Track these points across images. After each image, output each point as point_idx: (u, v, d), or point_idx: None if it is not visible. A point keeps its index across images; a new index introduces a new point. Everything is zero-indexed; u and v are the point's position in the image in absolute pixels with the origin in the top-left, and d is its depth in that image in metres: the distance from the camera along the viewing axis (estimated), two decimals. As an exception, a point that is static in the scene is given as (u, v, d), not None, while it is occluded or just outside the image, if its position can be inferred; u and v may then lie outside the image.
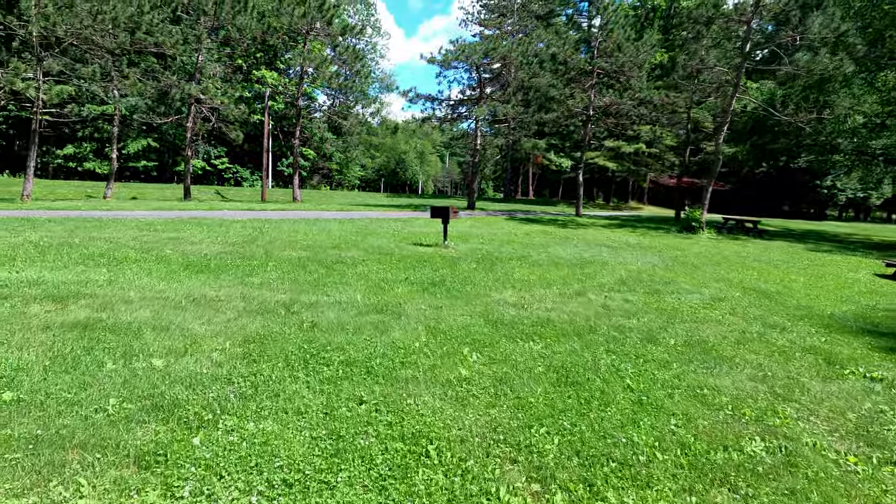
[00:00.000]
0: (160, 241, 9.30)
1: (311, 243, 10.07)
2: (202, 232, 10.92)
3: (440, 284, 6.88)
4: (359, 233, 12.56)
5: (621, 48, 21.54)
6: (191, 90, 19.33)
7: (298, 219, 15.84)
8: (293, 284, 6.40)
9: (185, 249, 8.57)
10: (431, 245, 10.81)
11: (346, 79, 23.64)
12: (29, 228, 10.08)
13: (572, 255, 10.75)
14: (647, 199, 52.69)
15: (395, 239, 11.70)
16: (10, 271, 6.26)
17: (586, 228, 18.35)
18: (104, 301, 5.05)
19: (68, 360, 3.52)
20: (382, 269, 7.81)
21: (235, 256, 8.21)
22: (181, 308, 4.97)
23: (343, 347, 4.11)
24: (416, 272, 7.73)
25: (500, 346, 4.39)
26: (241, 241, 9.79)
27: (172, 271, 6.84)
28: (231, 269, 7.16)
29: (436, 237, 12.34)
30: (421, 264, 8.42)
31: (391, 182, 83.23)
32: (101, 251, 7.98)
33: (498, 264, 8.92)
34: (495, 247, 11.28)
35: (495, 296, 6.41)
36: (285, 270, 7.31)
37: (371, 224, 15.39)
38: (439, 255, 9.44)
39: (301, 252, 8.98)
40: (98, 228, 10.59)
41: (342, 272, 7.43)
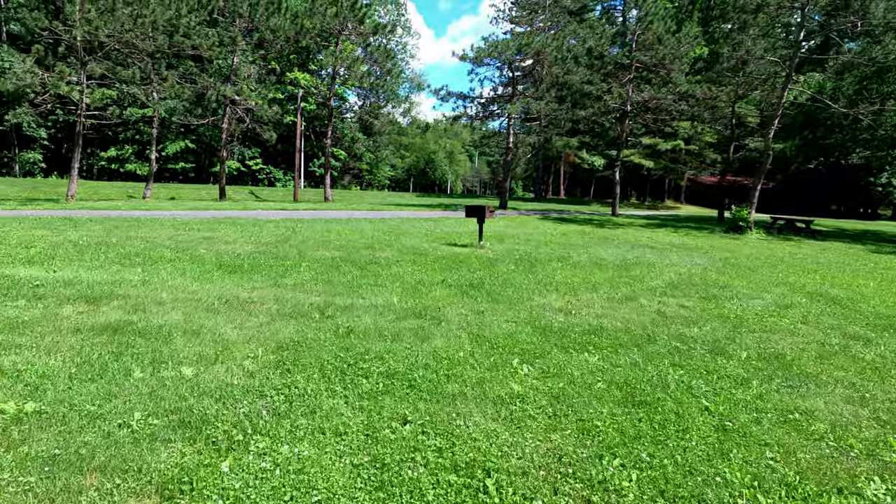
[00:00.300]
0: (194, 240, 9.26)
1: (343, 243, 9.86)
2: (236, 231, 10.88)
3: (479, 287, 6.51)
4: (391, 232, 12.31)
5: (661, 40, 20.65)
6: (226, 91, 19.58)
7: (330, 218, 15.76)
8: (327, 286, 6.15)
9: (218, 249, 8.48)
10: (466, 245, 10.45)
11: (378, 78, 23.53)
12: (70, 228, 10.23)
13: (615, 256, 10.20)
14: (684, 198, 50.83)
15: (428, 239, 11.39)
16: (48, 271, 6.24)
17: (625, 228, 17.62)
18: (136, 302, 4.90)
19: (95, 366, 3.32)
20: (418, 271, 7.49)
21: (268, 256, 8.06)
22: (213, 310, 4.77)
23: (382, 356, 3.79)
24: (453, 274, 7.38)
25: (552, 358, 3.99)
26: (274, 241, 9.67)
27: (206, 271, 6.71)
28: (264, 270, 6.98)
29: (470, 237, 11.98)
30: (457, 265, 8.07)
31: (420, 182, 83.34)
32: (136, 250, 7.95)
33: (538, 266, 8.48)
34: (533, 247, 10.83)
35: (539, 300, 5.99)
36: (319, 271, 7.08)
37: (403, 224, 15.15)
38: (475, 256, 9.07)
39: (334, 252, 8.77)
40: (135, 228, 10.68)
41: (376, 273, 7.16)
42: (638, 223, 20.92)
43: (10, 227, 10.13)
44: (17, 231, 9.49)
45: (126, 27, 15.38)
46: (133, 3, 15.31)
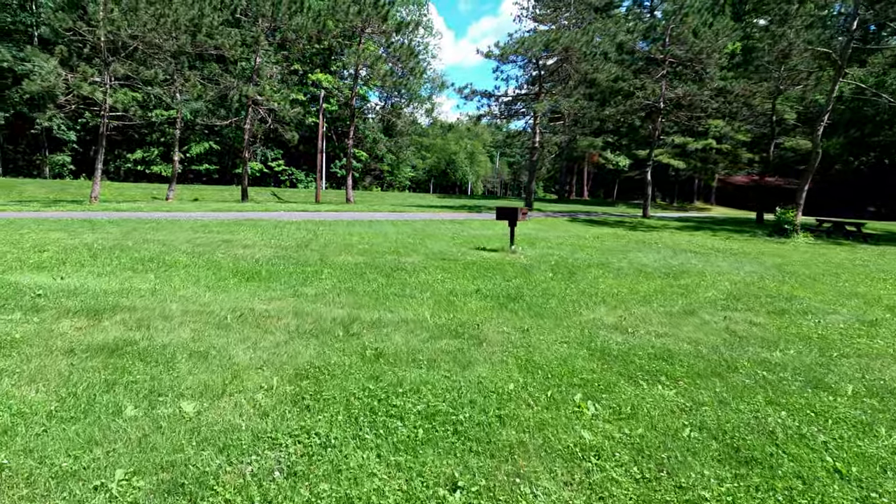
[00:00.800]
0: (213, 243, 8.84)
1: (367, 247, 9.32)
2: (256, 234, 10.46)
3: (518, 299, 5.86)
4: (416, 235, 11.75)
5: (697, 34, 19.64)
6: (248, 91, 19.37)
7: (352, 220, 15.29)
8: (351, 296, 5.59)
9: (236, 253, 8.02)
10: (497, 250, 9.80)
11: (401, 77, 23.06)
12: (88, 230, 9.95)
13: (658, 262, 9.41)
14: (714, 200, 49.08)
15: (455, 242, 10.78)
16: (55, 277, 5.83)
17: (660, 231, 16.71)
18: (142, 316, 4.41)
19: (81, 401, 2.79)
20: (448, 279, 6.88)
21: (288, 262, 7.56)
22: (225, 326, 4.24)
23: (418, 389, 3.18)
24: (487, 282, 6.75)
25: (620, 392, 3.32)
26: (295, 245, 9.19)
27: (221, 279, 6.23)
28: (283, 277, 6.47)
29: (499, 241, 11.33)
30: (490, 273, 7.44)
31: (440, 183, 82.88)
32: (151, 255, 7.55)
33: (577, 273, 7.78)
34: (568, 252, 10.11)
35: (588, 314, 5.31)
36: (341, 279, 6.53)
37: (427, 226, 14.58)
38: (508, 262, 8.42)
39: (357, 257, 8.23)
40: (154, 230, 10.34)
41: (404, 281, 6.57)
42: (672, 225, 19.93)
43: (29, 229, 9.89)
44: (35, 233, 9.23)
45: (149, 27, 15.21)
46: (156, 2, 15.13)
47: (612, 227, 17.41)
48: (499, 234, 13.26)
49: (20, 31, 32.29)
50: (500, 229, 14.54)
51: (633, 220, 21.96)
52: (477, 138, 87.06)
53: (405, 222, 15.62)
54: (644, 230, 17.02)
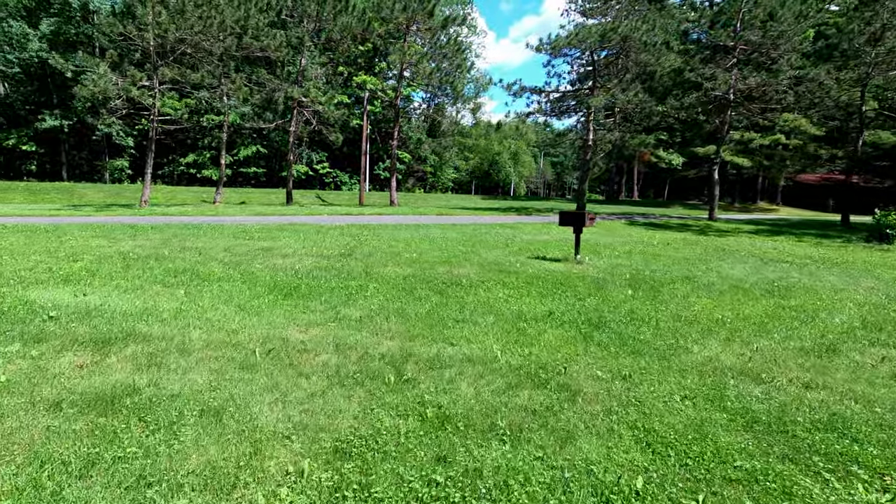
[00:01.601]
0: (251, 252, 8.23)
1: (415, 256, 8.46)
2: (297, 241, 9.83)
3: (602, 326, 4.80)
4: (466, 242, 10.81)
5: (774, 16, 17.70)
6: (293, 93, 19.09)
7: (397, 224, 14.55)
8: (401, 321, 4.71)
9: (275, 264, 7.35)
10: (559, 260, 8.71)
11: (447, 74, 22.25)
12: (129, 237, 9.61)
13: (751, 275, 8.04)
14: (780, 200, 45.45)
15: (510, 250, 9.77)
16: (77, 293, 5.27)
17: (735, 236, 15.03)
18: (156, 349, 3.68)
19: (43, 495, 2.00)
20: (512, 297, 5.90)
21: (330, 274, 6.79)
22: (250, 367, 3.43)
23: (505, 484, 2.22)
24: (559, 302, 5.71)
25: (807, 498, 2.23)
26: (338, 254, 8.45)
27: (255, 295, 5.50)
28: (324, 294, 5.68)
29: (559, 248, 10.22)
30: (558, 289, 6.39)
31: (482, 184, 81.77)
32: (186, 265, 6.97)
33: (662, 290, 6.60)
34: (640, 262, 8.89)
35: (698, 351, 4.19)
36: (389, 297, 5.68)
37: (476, 231, 13.62)
38: (576, 275, 7.33)
39: (405, 268, 7.37)
40: (194, 236, 9.91)
41: (461, 300, 5.64)
42: (745, 229, 18.06)
43: (73, 235, 9.67)
44: (75, 240, 8.94)
45: (196, 29, 15.07)
46: (203, 4, 14.98)
47: (678, 232, 15.85)
48: (556, 239, 12.13)
49: (83, 42, 33.84)
50: (557, 234, 13.39)
51: (699, 223, 20.15)
52: (521, 138, 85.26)
53: (452, 226, 14.73)
54: (716, 235, 15.37)
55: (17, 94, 32.06)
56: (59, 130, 32.22)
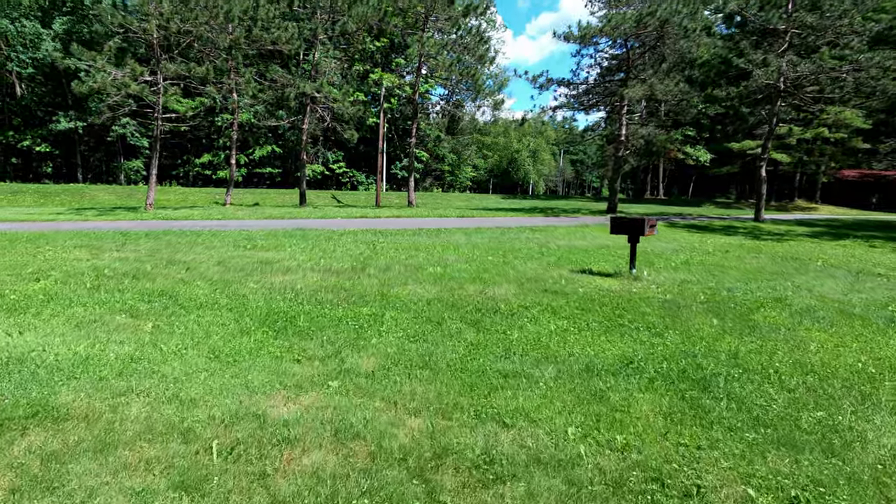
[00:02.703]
0: (248, 266, 7.04)
1: (439, 271, 7.17)
2: (304, 250, 8.62)
3: (709, 385, 3.43)
4: (496, 250, 9.48)
5: (833, -5, 15.91)
6: (306, 88, 17.98)
7: (417, 229, 13.28)
8: (428, 377, 3.42)
9: (273, 283, 6.13)
10: (611, 274, 7.32)
11: (468, 67, 20.90)
12: (115, 247, 8.53)
13: (850, 294, 6.55)
14: (819, 198, 42.86)
15: (548, 261, 8.40)
16: (10, 330, 4.11)
17: (796, 241, 13.38)
18: (61, 446, 2.45)
19: None
20: (568, 330, 4.57)
21: (338, 296, 5.54)
22: (195, 487, 2.17)
23: None
24: (632, 340, 4.36)
25: None
26: (349, 267, 7.20)
27: (239, 332, 4.28)
28: (327, 329, 4.43)
29: (605, 258, 8.82)
30: (623, 317, 5.04)
31: (501, 183, 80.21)
32: (166, 286, 5.80)
33: (753, 318, 5.19)
34: (706, 276, 7.45)
35: (874, 437, 2.80)
36: (411, 332, 4.39)
37: (504, 236, 12.27)
38: (639, 297, 5.95)
39: (429, 288, 6.08)
40: (189, 246, 8.78)
41: (504, 337, 4.33)
42: (798, 231, 16.33)
43: (54, 244, 8.63)
44: (53, 251, 7.88)
45: (201, 20, 14.05)
46: (208, -8, 13.95)
47: (728, 236, 14.25)
48: (596, 246, 10.72)
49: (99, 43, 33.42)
50: (595, 240, 11.97)
51: (745, 224, 18.43)
52: (541, 135, 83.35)
53: (477, 230, 13.40)
54: (772, 239, 13.73)
55: (33, 94, 31.78)
56: (74, 132, 31.83)
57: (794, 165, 37.86)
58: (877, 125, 35.14)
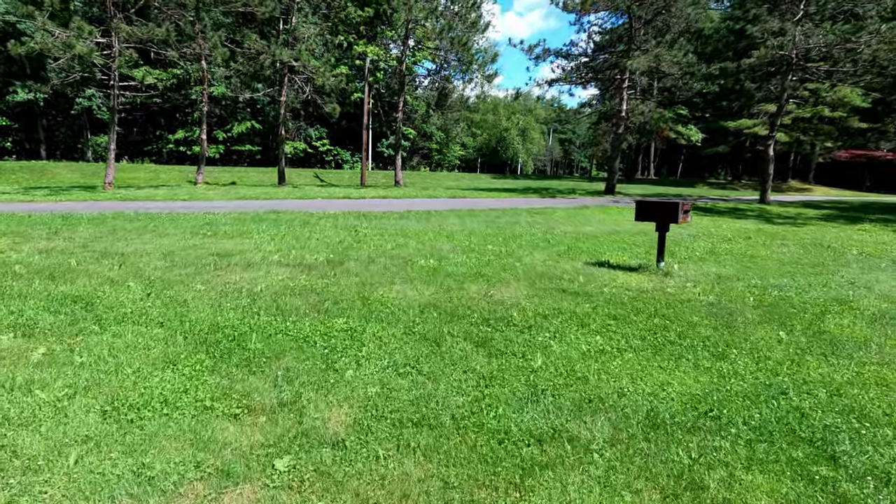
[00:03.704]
0: (201, 260, 5.80)
1: (433, 264, 6.01)
2: (273, 238, 7.39)
3: (840, 454, 2.37)
4: (495, 237, 8.34)
5: (854, -41, 14.71)
6: (283, 56, 16.35)
7: (404, 211, 12.06)
8: (428, 445, 2.30)
9: (227, 283, 4.92)
10: (634, 268, 6.24)
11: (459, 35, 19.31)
12: (45, 235, 7.19)
13: (919, 293, 5.57)
14: (812, 179, 42.34)
15: (557, 251, 7.30)
16: None
17: (815, 226, 12.47)
18: None
19: None
20: (605, 352, 3.48)
21: (307, 301, 4.38)
22: None
23: None
24: (696, 369, 3.29)
25: None
26: (324, 261, 6.01)
27: (165, 361, 3.10)
28: (287, 353, 3.28)
29: (619, 246, 7.76)
30: (671, 331, 3.97)
31: (489, 162, 78.76)
32: (87, 288, 4.57)
33: (825, 328, 4.18)
34: (741, 270, 6.43)
35: None
36: (399, 360, 3.26)
37: (501, 219, 11.13)
38: (677, 299, 4.89)
39: (421, 288, 4.93)
40: (137, 233, 7.47)
41: (523, 365, 3.23)
42: (809, 214, 15.46)
43: (-25, 231, 7.27)
44: (-33, 241, 6.54)
45: (159, -27, 12.35)
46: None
47: (739, 219, 13.31)
48: (604, 231, 9.65)
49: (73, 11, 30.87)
50: (600, 224, 10.90)
51: (751, 206, 17.53)
52: (530, 113, 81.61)
53: (470, 212, 12.23)
54: (787, 223, 12.82)
55: (-13, 63, 29.29)
56: (35, 104, 29.57)
57: (789, 145, 37.10)
58: (875, 104, 34.41)
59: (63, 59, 11.77)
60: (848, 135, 36.81)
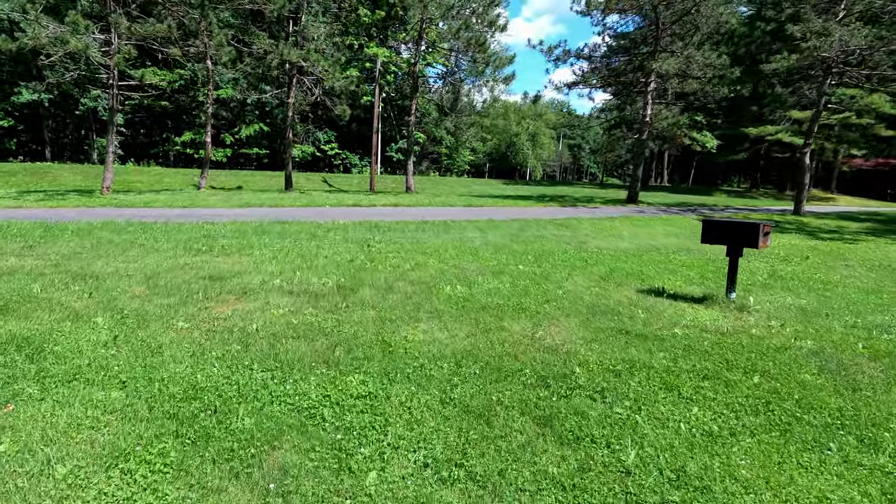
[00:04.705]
0: (188, 285, 4.92)
1: (461, 292, 5.10)
2: (276, 256, 6.51)
3: None
4: (524, 254, 7.42)
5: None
6: (291, 55, 15.58)
7: (420, 221, 11.18)
8: None
9: (215, 317, 4.04)
10: (699, 299, 5.28)
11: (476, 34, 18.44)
12: (18, 249, 6.35)
13: None
14: (835, 188, 41.03)
15: (599, 273, 6.36)
16: None
17: (868, 242, 11.44)
18: None
19: None
20: (716, 438, 2.54)
21: (314, 346, 3.48)
22: None
23: None
24: (853, 478, 2.33)
25: None
26: (334, 287, 5.11)
27: (111, 456, 2.22)
28: (285, 437, 2.38)
29: (667, 267, 6.82)
30: (787, 399, 3.05)
31: (498, 167, 77.96)
32: (41, 326, 3.70)
33: None
34: (821, 300, 5.47)
35: None
36: (439, 453, 2.35)
37: (525, 232, 10.21)
38: (771, 345, 3.95)
39: (453, 328, 4.02)
40: (122, 248, 6.62)
41: (604, 455, 2.31)
42: (851, 227, 14.42)
43: (-58, 244, 6.45)
44: (-74, 256, 5.72)
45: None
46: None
47: (782, 234, 12.29)
48: (643, 248, 8.69)
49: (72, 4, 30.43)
50: (634, 238, 9.94)
51: (786, 217, 16.49)
52: (540, 118, 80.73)
53: (490, 224, 11.32)
54: (835, 238, 11.80)
55: (-8, 63, 28.90)
56: (39, 104, 29.08)
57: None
58: (902, 111, 33.10)
59: (56, 55, 11.05)
60: (874, 142, 35.52)
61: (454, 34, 18.14)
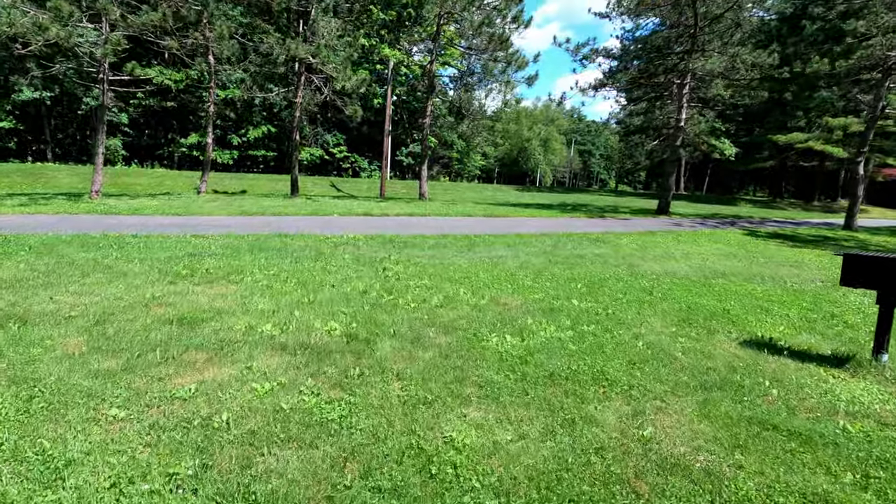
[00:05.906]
0: (147, 333, 3.64)
1: (513, 345, 3.78)
2: (272, 283, 5.23)
3: None
4: (571, 281, 6.10)
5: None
6: (299, 51, 14.41)
7: (439, 235, 9.88)
8: None
9: (168, 396, 2.74)
10: (829, 358, 3.94)
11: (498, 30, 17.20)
12: (-47, 271, 5.12)
13: None
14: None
15: (679, 316, 5.02)
16: None
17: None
18: None
19: None
20: None
21: (311, 464, 2.16)
22: None
23: None
24: None
25: None
26: (343, 335, 3.81)
27: None
28: None
29: (757, 303, 5.45)
30: None
31: (507, 172, 76.79)
32: None
33: None
34: None
35: None
36: None
37: (560, 249, 8.88)
38: None
39: (520, 423, 2.69)
40: (81, 271, 5.37)
41: None
42: (915, 246, 12.91)
43: None
44: None
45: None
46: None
47: (847, 253, 10.84)
48: (706, 273, 7.31)
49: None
50: (686, 259, 8.54)
51: (837, 233, 15.00)
52: (552, 123, 79.49)
53: (519, 239, 10.01)
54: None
55: (-7, 60, 28.02)
56: (41, 103, 28.19)
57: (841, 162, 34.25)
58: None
59: (35, 45, 9.93)
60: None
61: (475, 29, 16.92)
